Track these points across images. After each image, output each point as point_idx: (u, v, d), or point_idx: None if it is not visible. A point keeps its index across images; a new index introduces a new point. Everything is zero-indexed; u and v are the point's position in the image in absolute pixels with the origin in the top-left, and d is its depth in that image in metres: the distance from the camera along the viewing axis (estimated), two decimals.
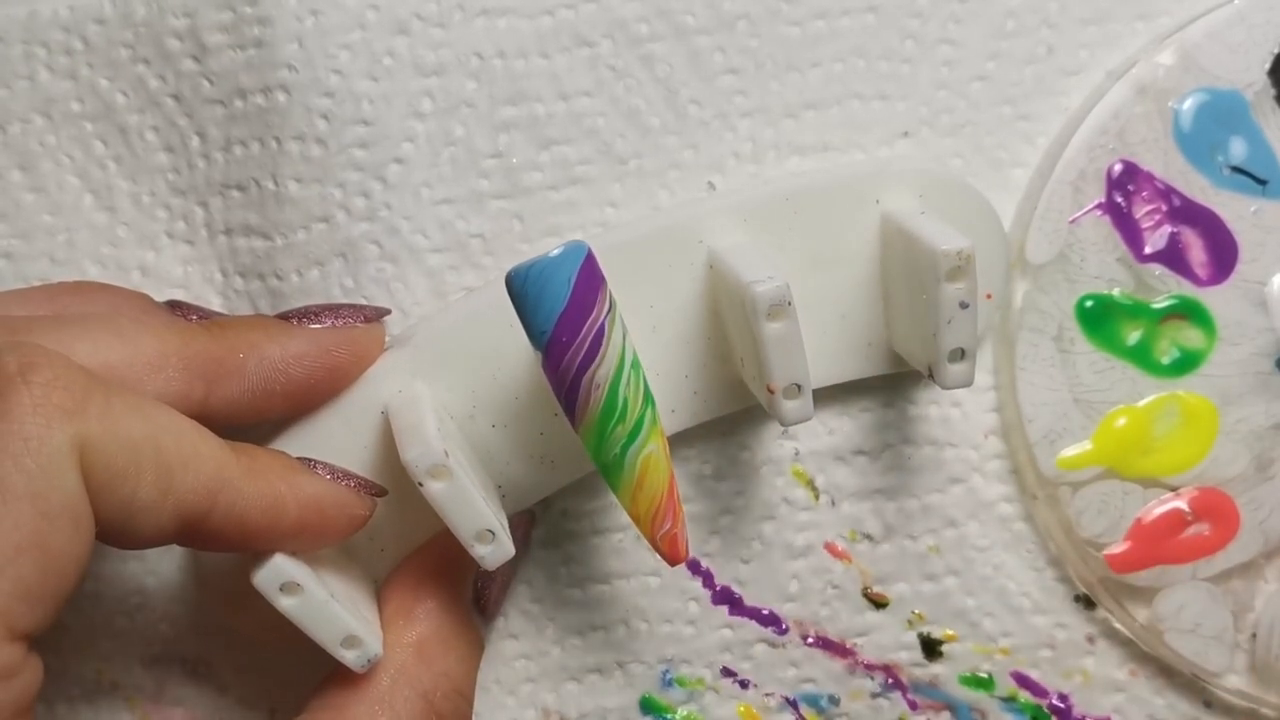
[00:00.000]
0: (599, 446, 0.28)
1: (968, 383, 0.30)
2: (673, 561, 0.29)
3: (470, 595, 0.32)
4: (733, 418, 0.34)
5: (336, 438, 0.31)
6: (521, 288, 0.27)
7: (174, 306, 0.31)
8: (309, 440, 0.31)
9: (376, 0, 0.33)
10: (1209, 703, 0.34)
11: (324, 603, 0.28)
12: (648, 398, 0.28)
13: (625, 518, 0.33)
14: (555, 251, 0.27)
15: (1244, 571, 0.33)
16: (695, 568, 0.34)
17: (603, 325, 0.27)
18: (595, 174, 0.34)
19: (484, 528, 0.28)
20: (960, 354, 0.30)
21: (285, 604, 0.28)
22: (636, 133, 0.34)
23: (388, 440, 0.31)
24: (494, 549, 0.29)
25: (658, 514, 0.29)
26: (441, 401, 0.31)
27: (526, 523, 0.34)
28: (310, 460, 0.29)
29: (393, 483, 0.30)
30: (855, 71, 0.34)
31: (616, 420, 0.27)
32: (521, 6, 0.33)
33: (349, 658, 0.29)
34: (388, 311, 0.32)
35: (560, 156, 0.33)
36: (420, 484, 0.28)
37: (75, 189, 0.34)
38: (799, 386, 0.29)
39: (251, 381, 0.29)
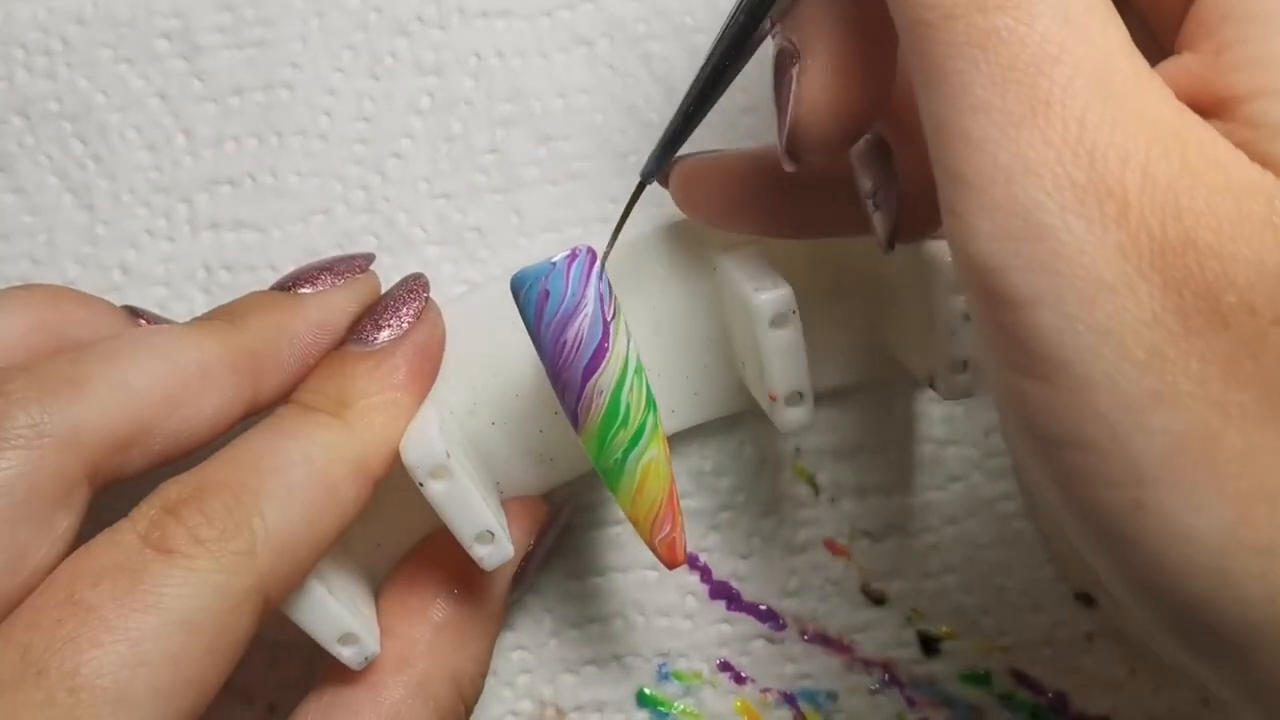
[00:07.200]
0: (600, 452, 0.27)
1: (969, 394, 0.30)
2: (671, 565, 0.29)
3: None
4: (733, 414, 0.34)
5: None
6: (527, 291, 0.26)
7: (132, 314, 0.29)
8: None
9: (379, 3, 0.33)
10: (1206, 701, 0.34)
11: (321, 599, 0.28)
12: (650, 403, 0.28)
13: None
14: (560, 255, 0.26)
15: None
16: (693, 562, 0.34)
17: (608, 330, 0.27)
18: (594, 169, 0.34)
19: (484, 529, 0.28)
20: (963, 365, 0.30)
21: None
22: (636, 128, 0.33)
23: None
24: (493, 550, 0.28)
25: (657, 518, 0.28)
26: (441, 397, 0.31)
27: (558, 512, 0.34)
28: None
29: (391, 478, 0.30)
30: None
31: (619, 426, 0.27)
32: (520, 8, 0.33)
33: (345, 655, 0.29)
34: (373, 256, 0.31)
35: (558, 151, 0.34)
36: (421, 484, 0.28)
37: (54, 189, 0.34)
38: (800, 394, 0.29)
39: (289, 365, 0.28)
